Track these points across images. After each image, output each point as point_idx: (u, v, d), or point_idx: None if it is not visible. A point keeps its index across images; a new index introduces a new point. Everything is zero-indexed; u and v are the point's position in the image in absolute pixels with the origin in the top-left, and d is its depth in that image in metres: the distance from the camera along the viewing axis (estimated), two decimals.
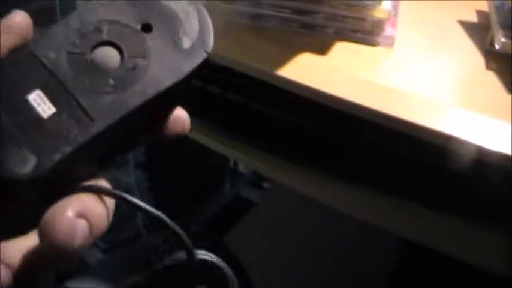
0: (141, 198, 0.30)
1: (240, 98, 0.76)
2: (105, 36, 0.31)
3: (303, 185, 0.70)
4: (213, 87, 0.78)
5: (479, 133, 0.51)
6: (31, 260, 0.27)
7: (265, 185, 1.67)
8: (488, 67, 0.62)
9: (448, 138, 0.52)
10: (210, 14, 0.69)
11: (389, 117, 0.54)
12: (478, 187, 0.61)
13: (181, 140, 0.81)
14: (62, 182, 0.28)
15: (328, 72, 0.60)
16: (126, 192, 0.29)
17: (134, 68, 0.30)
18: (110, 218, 0.30)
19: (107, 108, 0.29)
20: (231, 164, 1.65)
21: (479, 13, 0.75)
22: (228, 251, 0.83)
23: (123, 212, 1.33)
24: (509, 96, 0.57)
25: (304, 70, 0.60)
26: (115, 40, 0.31)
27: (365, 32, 0.64)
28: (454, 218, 0.60)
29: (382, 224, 0.65)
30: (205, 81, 0.79)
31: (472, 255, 0.58)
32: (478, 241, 0.59)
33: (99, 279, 0.77)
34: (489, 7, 0.68)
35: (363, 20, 0.63)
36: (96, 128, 0.29)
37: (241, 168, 1.68)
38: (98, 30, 0.31)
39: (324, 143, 0.71)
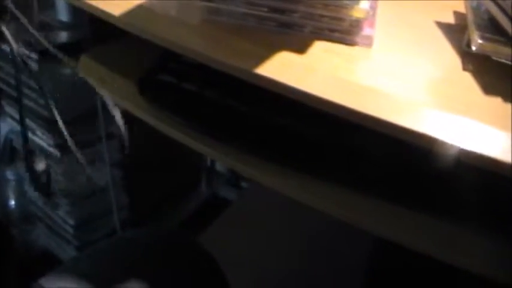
0: (116, 197, 0.29)
1: (216, 96, 0.76)
2: None
3: (280, 184, 0.70)
4: (190, 84, 0.78)
5: (455, 133, 0.51)
6: None
7: (243, 184, 1.67)
8: (464, 68, 0.62)
9: (424, 138, 0.52)
10: (187, 12, 0.69)
11: (365, 116, 0.54)
12: (455, 186, 0.61)
13: (158, 138, 0.81)
14: None
15: (305, 70, 0.60)
16: (102, 190, 0.28)
17: None
18: None
19: None
20: (208, 162, 1.65)
21: (457, 14, 0.75)
22: (203, 249, 0.83)
23: (98, 210, 1.32)
24: (485, 97, 0.57)
25: (281, 68, 0.60)
26: None
27: (343, 32, 0.64)
28: (431, 218, 0.60)
29: (359, 223, 0.65)
30: (182, 79, 0.79)
31: (449, 254, 0.58)
32: (456, 240, 0.59)
33: (73, 276, 0.76)
34: (466, 8, 0.69)
35: (340, 19, 0.63)
36: None
37: (218, 167, 1.68)
38: None
39: (302, 142, 0.71)
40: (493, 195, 0.59)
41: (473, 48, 0.60)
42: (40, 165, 1.22)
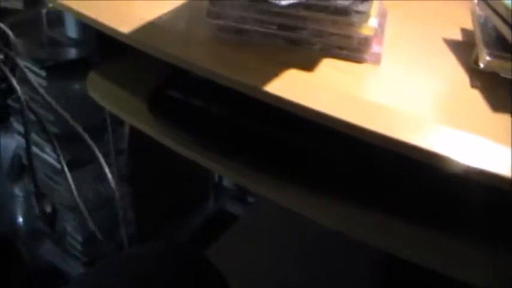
0: (124, 212, 0.29)
1: (223, 112, 0.76)
2: None
3: (286, 199, 0.70)
4: (197, 100, 0.78)
5: (462, 150, 0.51)
6: None
7: (249, 199, 1.67)
8: (472, 85, 0.62)
9: (431, 155, 0.51)
10: (195, 29, 0.70)
11: (372, 133, 0.54)
12: (461, 202, 0.61)
13: (165, 153, 0.81)
14: None
15: (313, 87, 0.60)
16: (109, 205, 0.28)
17: None
18: None
19: None
20: (216, 178, 1.65)
21: (464, 31, 0.75)
22: (210, 264, 0.83)
23: (106, 225, 1.32)
24: (493, 114, 0.57)
25: (290, 85, 0.60)
26: None
27: (351, 49, 0.64)
28: (437, 233, 0.61)
29: (365, 239, 0.65)
30: (189, 95, 0.79)
31: (455, 269, 0.58)
32: (461, 255, 0.59)
33: None
34: (473, 25, 0.69)
35: (349, 37, 0.63)
36: None
37: (226, 182, 1.68)
38: None
39: (309, 158, 0.71)
40: (499, 212, 0.59)
41: (481, 65, 0.60)
42: (48, 208, 1.23)
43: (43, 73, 1.05)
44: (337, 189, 0.67)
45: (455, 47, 0.71)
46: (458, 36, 0.74)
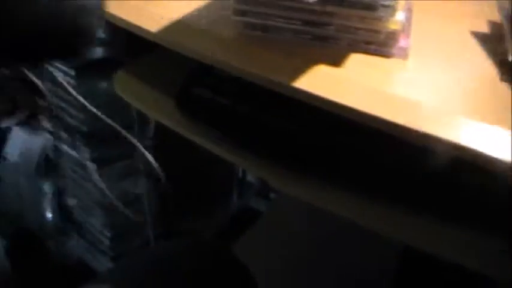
0: (150, 208, 0.30)
1: (250, 108, 0.77)
2: None
3: (310, 195, 0.71)
4: (224, 97, 0.79)
5: (492, 144, 0.51)
6: None
7: (273, 195, 1.67)
8: (502, 78, 0.62)
9: (461, 149, 0.52)
10: (222, 26, 0.70)
11: (402, 128, 0.54)
12: (489, 198, 0.61)
13: (191, 150, 0.81)
14: None
15: (341, 82, 0.60)
16: (136, 202, 0.29)
17: None
18: None
19: None
20: (239, 174, 1.66)
21: (492, 24, 0.75)
22: (237, 260, 0.83)
23: (132, 221, 1.34)
24: None
25: (317, 81, 0.61)
26: None
27: (379, 44, 0.64)
28: (459, 227, 0.61)
29: (388, 233, 0.65)
30: (217, 92, 0.80)
31: (472, 261, 0.58)
32: (480, 247, 0.59)
33: (108, 287, 0.77)
34: (502, 18, 0.69)
35: (376, 32, 0.63)
36: None
37: (250, 178, 1.68)
38: None
39: (333, 154, 0.71)
40: None
41: (510, 58, 0.60)
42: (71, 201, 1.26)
43: (72, 72, 1.07)
44: (357, 183, 0.67)
45: (484, 40, 0.70)
46: (486, 29, 0.74)
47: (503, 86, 0.60)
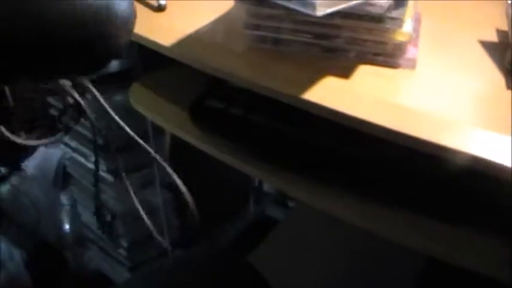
0: (167, 218, 0.31)
1: (263, 119, 0.78)
2: None
3: (327, 204, 0.71)
4: (237, 109, 0.80)
5: (500, 152, 0.52)
6: None
7: (290, 203, 1.67)
8: (508, 86, 0.62)
9: (470, 158, 0.52)
10: (234, 40, 0.71)
11: (411, 138, 0.55)
12: (500, 205, 0.62)
13: (206, 160, 0.82)
14: None
15: (350, 94, 0.61)
16: (154, 211, 0.30)
17: None
18: None
19: None
20: (256, 182, 1.67)
21: (499, 32, 0.75)
22: (254, 269, 0.84)
23: (149, 231, 1.35)
24: None
25: (327, 92, 0.62)
26: None
27: (387, 55, 0.65)
28: (475, 234, 0.61)
29: (406, 242, 0.66)
30: (229, 104, 0.81)
31: (493, 269, 0.58)
32: (498, 255, 0.59)
33: None
34: (509, 26, 0.69)
35: (384, 43, 0.64)
36: None
37: (265, 187, 1.69)
38: None
39: (347, 164, 0.72)
40: None
41: None
42: (108, 217, 1.27)
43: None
44: (373, 192, 0.68)
45: (491, 48, 0.71)
46: (493, 37, 0.75)
47: (510, 94, 0.61)
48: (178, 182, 0.82)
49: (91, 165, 1.26)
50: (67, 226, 1.53)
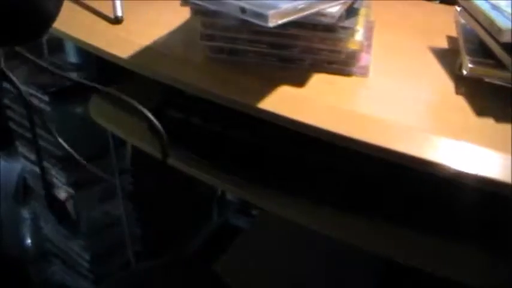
0: (130, 229, 0.31)
1: (221, 129, 0.79)
2: None
3: (290, 211, 0.72)
4: (195, 118, 0.81)
5: (451, 156, 0.53)
6: None
7: (254, 212, 1.68)
8: (457, 92, 0.64)
9: (420, 162, 0.54)
10: (191, 51, 0.72)
11: (366, 144, 0.56)
12: (453, 206, 0.63)
13: (168, 170, 0.83)
14: None
15: (305, 102, 0.63)
16: (116, 223, 0.30)
17: None
18: None
19: None
20: (219, 191, 1.67)
21: (450, 39, 0.78)
22: (218, 277, 0.84)
23: (112, 243, 1.34)
24: (478, 119, 0.59)
25: (281, 101, 0.63)
26: None
27: (340, 63, 0.67)
28: (432, 237, 0.63)
29: (367, 246, 0.67)
30: (188, 113, 0.81)
31: (453, 272, 0.60)
32: (458, 258, 0.61)
33: None
34: (458, 33, 0.71)
35: (337, 52, 0.66)
36: None
37: (229, 195, 1.69)
38: None
39: (306, 170, 0.73)
40: (492, 214, 0.61)
41: (464, 72, 0.62)
42: (62, 195, 1.24)
43: (46, 98, 1.08)
44: (335, 199, 0.69)
45: (441, 55, 0.73)
46: (444, 44, 0.77)
47: (460, 99, 0.63)
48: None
49: (52, 178, 1.25)
50: (29, 240, 1.50)
